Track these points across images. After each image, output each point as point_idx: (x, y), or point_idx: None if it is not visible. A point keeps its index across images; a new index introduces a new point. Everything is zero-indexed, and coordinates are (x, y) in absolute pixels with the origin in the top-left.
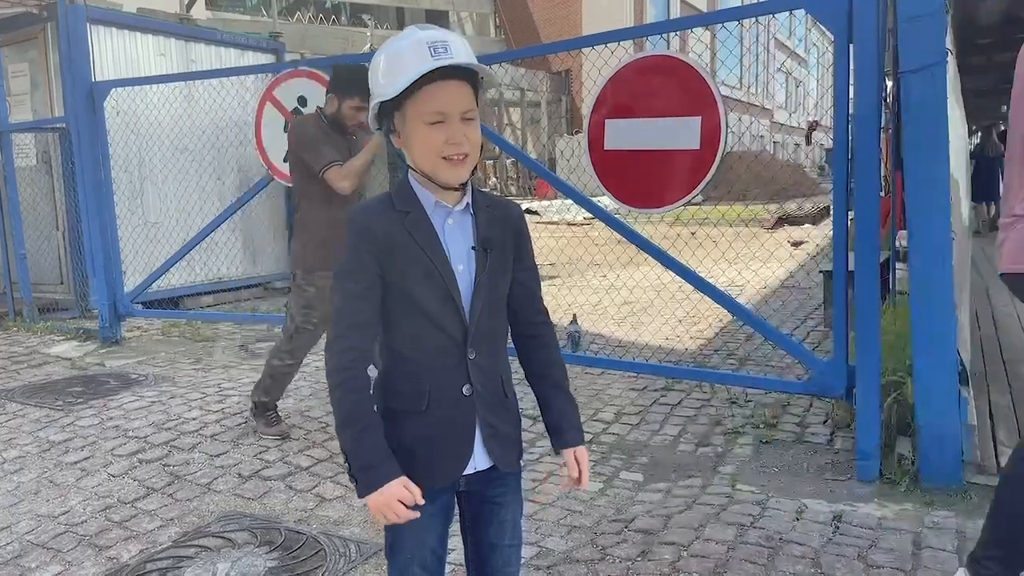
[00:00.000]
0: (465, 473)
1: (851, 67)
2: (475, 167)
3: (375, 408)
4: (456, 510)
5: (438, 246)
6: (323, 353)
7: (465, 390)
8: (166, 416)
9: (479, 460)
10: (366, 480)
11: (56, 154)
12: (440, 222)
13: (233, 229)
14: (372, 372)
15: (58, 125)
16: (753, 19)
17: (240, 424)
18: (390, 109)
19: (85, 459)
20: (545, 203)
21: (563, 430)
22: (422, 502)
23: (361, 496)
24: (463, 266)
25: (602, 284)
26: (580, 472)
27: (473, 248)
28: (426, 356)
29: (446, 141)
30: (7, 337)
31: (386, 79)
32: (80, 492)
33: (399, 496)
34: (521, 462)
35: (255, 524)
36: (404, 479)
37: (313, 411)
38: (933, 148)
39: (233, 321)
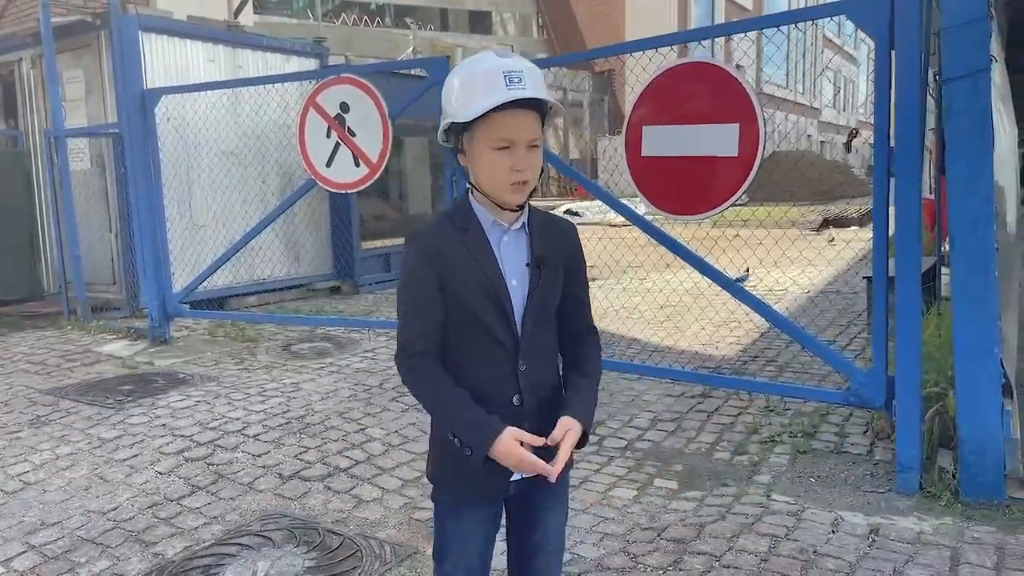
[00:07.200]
0: (513, 479)
1: (892, 73)
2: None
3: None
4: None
5: (493, 262)
6: (364, 355)
7: (515, 400)
8: (211, 415)
9: None
10: (479, 438)
11: (110, 158)
12: (496, 239)
13: (276, 231)
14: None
15: (111, 130)
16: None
17: (281, 424)
18: (460, 130)
19: (134, 456)
20: (586, 204)
21: (573, 402)
22: (539, 441)
23: (486, 452)
24: (516, 281)
25: (639, 287)
26: (558, 447)
27: (528, 265)
28: (480, 366)
29: (511, 167)
30: (62, 336)
31: (459, 101)
32: (129, 489)
33: (517, 437)
34: (569, 472)
35: (294, 524)
36: (512, 429)
37: (352, 412)
38: (976, 156)
39: (276, 323)
